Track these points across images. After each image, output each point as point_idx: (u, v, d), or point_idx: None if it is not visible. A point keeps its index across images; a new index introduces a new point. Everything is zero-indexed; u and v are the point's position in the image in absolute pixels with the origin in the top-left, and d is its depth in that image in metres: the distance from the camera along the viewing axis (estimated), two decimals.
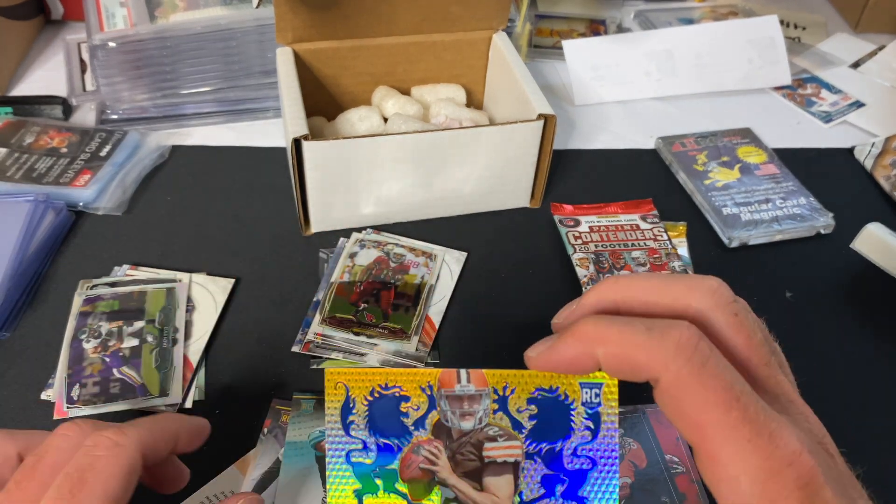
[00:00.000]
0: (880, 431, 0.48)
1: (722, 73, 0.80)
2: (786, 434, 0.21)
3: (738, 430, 0.20)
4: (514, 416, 0.24)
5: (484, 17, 0.66)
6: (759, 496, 0.20)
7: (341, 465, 0.24)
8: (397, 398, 0.24)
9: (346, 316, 0.52)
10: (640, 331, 0.22)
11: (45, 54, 0.81)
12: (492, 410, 0.24)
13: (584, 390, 0.24)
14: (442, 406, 0.24)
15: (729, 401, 0.21)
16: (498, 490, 0.24)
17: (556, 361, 0.23)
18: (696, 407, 0.21)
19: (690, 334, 0.22)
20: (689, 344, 0.21)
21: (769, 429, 0.21)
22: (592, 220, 0.61)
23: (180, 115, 0.71)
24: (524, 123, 0.57)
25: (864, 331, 0.55)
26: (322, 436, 0.45)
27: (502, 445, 0.24)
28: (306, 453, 0.44)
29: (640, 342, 0.22)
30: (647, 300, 0.24)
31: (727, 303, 0.24)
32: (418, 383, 0.24)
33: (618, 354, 0.22)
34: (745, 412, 0.21)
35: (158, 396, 0.47)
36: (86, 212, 0.60)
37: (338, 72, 0.67)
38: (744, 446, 0.20)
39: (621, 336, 0.22)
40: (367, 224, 0.61)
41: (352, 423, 0.24)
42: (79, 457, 0.26)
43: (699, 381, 0.21)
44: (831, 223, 0.62)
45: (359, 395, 0.24)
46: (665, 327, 0.22)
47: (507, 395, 0.24)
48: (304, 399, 0.47)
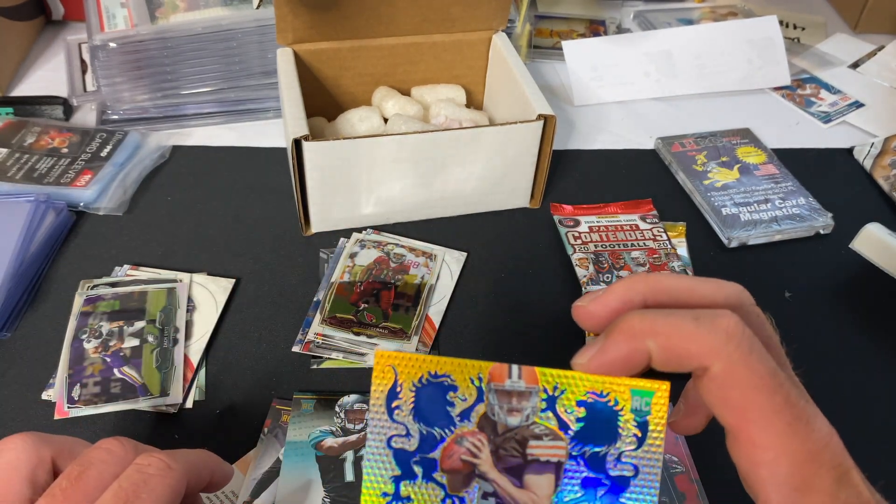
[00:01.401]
0: (880, 431, 0.48)
1: (721, 73, 0.80)
2: (819, 420, 0.22)
3: (780, 415, 0.21)
4: (561, 417, 0.24)
5: (484, 17, 0.66)
6: (797, 477, 0.21)
7: (381, 450, 0.24)
8: (446, 387, 0.24)
9: (346, 316, 0.52)
10: (688, 321, 0.22)
11: (46, 55, 0.81)
12: (539, 409, 0.24)
13: (635, 398, 0.24)
14: (490, 399, 0.24)
15: (773, 386, 0.22)
16: (538, 488, 0.24)
17: (610, 362, 0.23)
18: (742, 392, 0.22)
19: (737, 322, 0.22)
20: (737, 331, 0.22)
21: (807, 414, 0.22)
22: (592, 221, 0.61)
23: (181, 115, 0.71)
24: (524, 124, 0.57)
25: (862, 330, 0.55)
26: (322, 436, 0.45)
27: (547, 444, 0.24)
28: (307, 453, 0.44)
29: (690, 332, 0.22)
30: (677, 298, 0.25)
31: (752, 304, 0.25)
32: (468, 374, 0.24)
33: (669, 346, 0.22)
34: (787, 397, 0.22)
35: (159, 396, 0.47)
36: (86, 212, 0.61)
37: (338, 72, 0.67)
38: (784, 430, 0.21)
39: (671, 327, 0.22)
40: (368, 224, 0.61)
41: (396, 409, 0.24)
42: (131, 473, 0.27)
43: (747, 367, 0.22)
44: (830, 223, 0.62)
45: (407, 380, 0.24)
46: (712, 316, 0.22)
47: (557, 395, 0.24)
48: (304, 399, 0.47)
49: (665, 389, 0.24)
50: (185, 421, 0.46)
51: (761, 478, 0.22)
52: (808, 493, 0.21)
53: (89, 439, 0.45)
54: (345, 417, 0.46)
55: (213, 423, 0.46)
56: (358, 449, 0.45)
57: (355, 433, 0.45)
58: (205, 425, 0.46)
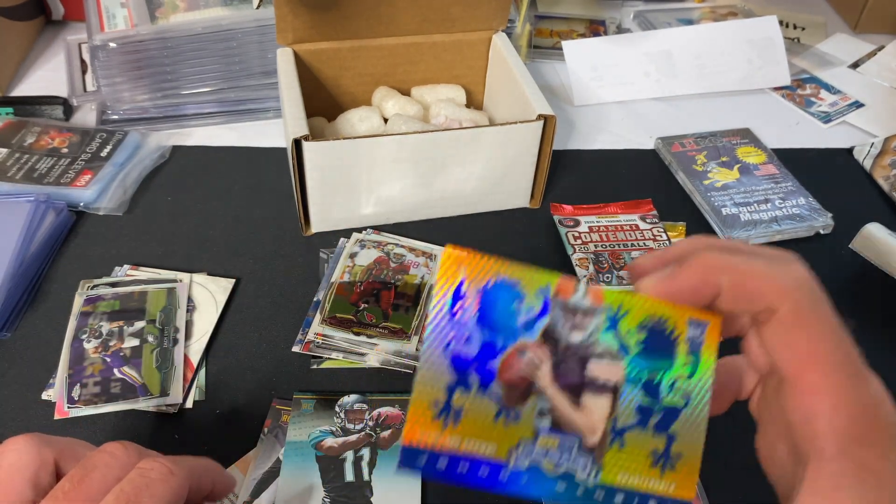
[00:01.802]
0: None
1: (721, 73, 0.80)
2: (874, 381, 0.23)
3: (844, 367, 0.22)
4: (622, 339, 0.24)
5: (484, 17, 0.66)
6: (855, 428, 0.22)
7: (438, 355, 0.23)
8: (513, 294, 0.23)
9: (346, 316, 0.52)
10: (763, 262, 0.23)
11: (46, 55, 0.81)
12: (603, 328, 0.24)
13: (691, 327, 0.24)
14: (555, 313, 0.23)
15: (838, 340, 0.22)
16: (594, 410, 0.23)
17: (678, 289, 0.24)
18: (809, 338, 0.22)
19: (806, 271, 0.23)
20: (808, 279, 0.23)
21: (865, 372, 0.23)
22: (592, 221, 0.61)
23: (181, 115, 0.71)
24: (524, 124, 0.57)
25: (862, 330, 0.55)
26: (322, 436, 0.45)
27: (606, 365, 0.24)
28: (307, 453, 0.44)
29: (763, 272, 0.23)
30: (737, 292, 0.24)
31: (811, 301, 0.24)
32: (537, 284, 0.24)
33: (741, 283, 0.23)
34: (849, 352, 0.22)
35: (159, 396, 0.47)
36: (86, 212, 0.61)
37: (338, 72, 0.67)
38: (845, 381, 0.22)
39: (746, 265, 0.23)
40: (368, 224, 0.61)
41: (459, 311, 0.23)
42: (134, 476, 0.27)
43: (816, 314, 0.22)
44: (830, 223, 0.62)
45: (474, 281, 0.23)
46: (786, 261, 0.23)
47: (620, 316, 0.24)
48: (304, 399, 0.47)
49: (719, 321, 0.24)
50: (185, 421, 0.46)
51: (817, 429, 0.22)
52: (864, 446, 0.22)
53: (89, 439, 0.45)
54: (345, 417, 0.46)
55: (213, 423, 0.46)
56: (358, 449, 0.45)
57: (355, 433, 0.46)
58: (205, 425, 0.46)
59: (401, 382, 0.49)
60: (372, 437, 0.46)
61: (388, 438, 0.45)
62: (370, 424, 0.46)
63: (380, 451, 0.45)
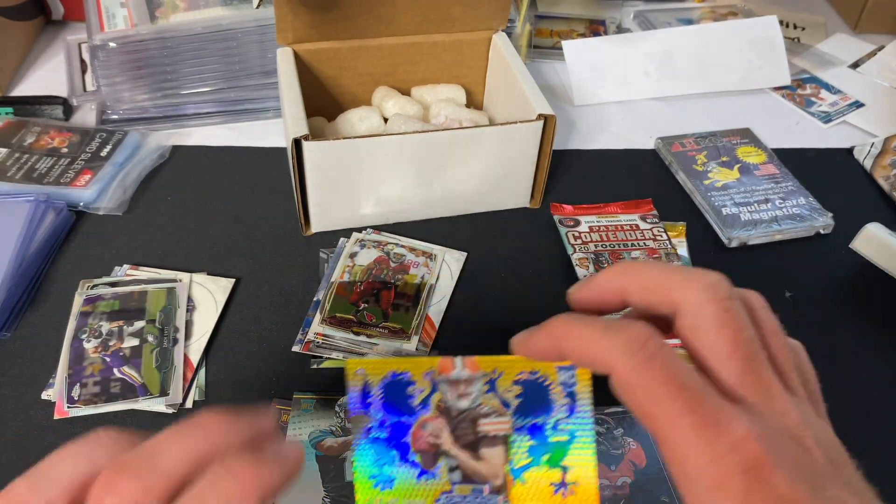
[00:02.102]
0: (880, 430, 0.48)
1: (721, 73, 0.80)
2: (734, 423, 0.22)
3: (683, 418, 0.22)
4: (502, 396, 0.28)
5: (484, 17, 0.66)
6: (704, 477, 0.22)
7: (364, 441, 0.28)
8: (405, 382, 0.28)
9: (346, 316, 0.52)
10: (598, 329, 0.25)
11: (46, 55, 0.81)
12: (484, 391, 0.28)
13: (561, 372, 0.28)
14: (442, 389, 0.28)
15: (674, 391, 0.23)
16: (493, 459, 0.28)
17: (532, 351, 0.27)
18: (645, 397, 0.23)
19: (641, 333, 0.24)
20: (636, 341, 0.24)
21: (714, 418, 0.22)
22: (592, 220, 0.61)
23: (181, 115, 0.71)
24: (524, 123, 0.57)
25: (863, 330, 0.55)
26: (322, 435, 0.45)
27: (494, 421, 0.28)
28: (307, 452, 0.44)
29: (596, 339, 0.25)
30: (647, 286, 0.27)
31: (721, 298, 0.25)
32: (422, 370, 0.28)
33: (578, 349, 0.25)
34: (689, 401, 0.22)
35: (159, 396, 0.47)
36: (86, 212, 0.61)
37: (338, 72, 0.67)
38: (687, 432, 0.22)
39: (582, 334, 0.25)
40: (368, 224, 0.61)
41: (370, 405, 0.28)
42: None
43: (645, 373, 0.23)
44: (830, 223, 0.62)
45: (374, 381, 0.28)
46: (620, 327, 0.24)
47: (496, 377, 0.28)
48: (304, 398, 0.47)
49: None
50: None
51: (675, 475, 0.23)
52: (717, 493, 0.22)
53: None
54: (344, 417, 0.46)
55: None
56: None
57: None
58: None
59: None
60: None
61: None
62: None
63: None
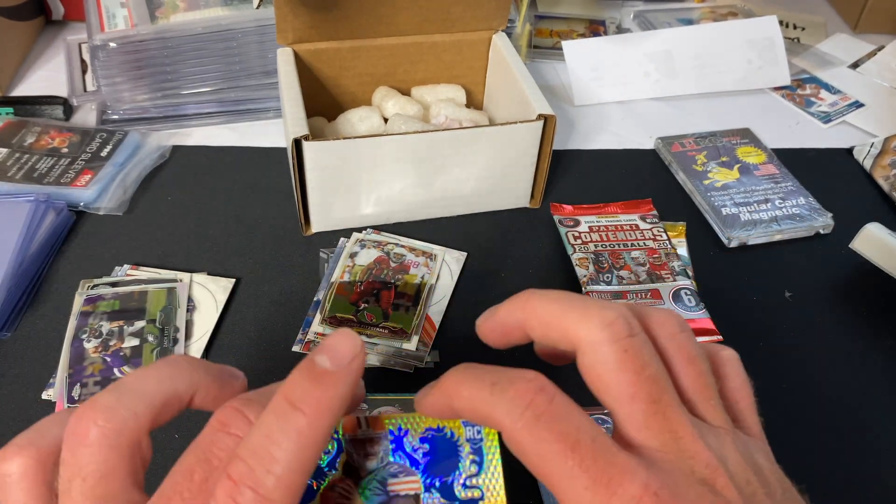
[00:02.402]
0: (879, 430, 0.48)
1: (721, 73, 0.80)
2: (628, 479, 0.21)
3: (575, 479, 0.21)
4: (410, 454, 0.27)
5: (484, 17, 0.66)
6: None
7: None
8: None
9: (346, 316, 0.52)
10: (485, 387, 0.23)
11: (46, 55, 0.81)
12: (390, 450, 0.27)
13: (467, 428, 0.27)
14: (348, 449, 0.27)
15: (564, 451, 0.21)
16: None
17: (429, 410, 0.26)
18: (535, 457, 0.22)
19: (528, 389, 0.23)
20: (523, 400, 0.22)
21: (608, 475, 0.21)
22: (592, 220, 0.61)
23: (181, 115, 0.71)
24: (524, 124, 0.57)
25: (862, 330, 0.55)
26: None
27: (403, 480, 0.27)
28: None
29: (484, 398, 0.23)
30: (546, 322, 0.25)
31: (619, 338, 0.24)
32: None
33: (468, 409, 0.24)
34: (581, 461, 0.21)
35: None
36: (87, 212, 0.61)
37: (338, 72, 0.67)
38: (581, 494, 0.21)
39: (469, 393, 0.24)
40: (368, 224, 0.61)
41: None
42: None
43: (533, 433, 0.22)
44: (830, 223, 0.62)
45: None
46: (507, 383, 0.23)
47: (402, 435, 0.27)
48: None
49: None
50: (185, 421, 0.46)
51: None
52: None
53: None
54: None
55: None
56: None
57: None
58: (205, 425, 0.46)
59: (401, 382, 0.49)
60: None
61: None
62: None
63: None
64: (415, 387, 0.49)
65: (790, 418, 0.49)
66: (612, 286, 0.55)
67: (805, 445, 0.47)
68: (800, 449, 0.47)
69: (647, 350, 0.24)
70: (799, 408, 0.49)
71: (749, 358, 0.54)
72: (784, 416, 0.49)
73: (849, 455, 0.47)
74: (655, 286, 0.55)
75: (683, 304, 0.54)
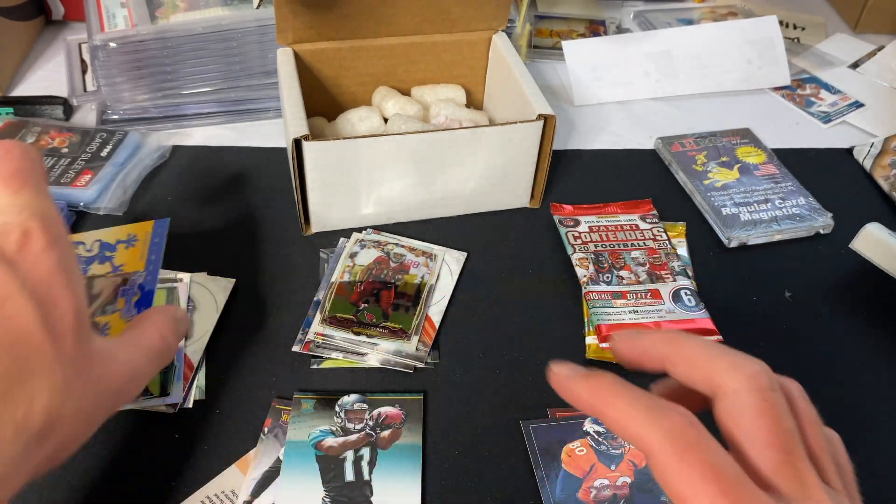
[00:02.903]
0: (879, 430, 0.48)
1: (721, 73, 0.80)
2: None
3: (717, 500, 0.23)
4: None
5: (484, 17, 0.66)
6: None
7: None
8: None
9: (346, 316, 0.52)
10: (641, 409, 0.25)
11: (46, 55, 0.81)
12: None
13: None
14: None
15: (707, 476, 0.23)
16: None
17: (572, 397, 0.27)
18: (678, 482, 0.24)
19: (682, 422, 0.24)
20: (677, 430, 0.24)
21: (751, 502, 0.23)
22: (592, 220, 0.61)
23: (181, 115, 0.71)
24: (524, 124, 0.57)
25: (862, 330, 0.55)
26: (322, 435, 0.45)
27: None
28: (307, 453, 0.44)
29: (638, 419, 0.25)
30: (692, 364, 0.27)
31: (761, 388, 0.26)
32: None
33: (616, 420, 0.26)
34: (723, 487, 0.23)
35: (159, 396, 0.47)
36: (87, 212, 0.61)
37: (338, 72, 0.67)
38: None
39: (626, 408, 0.25)
40: (368, 224, 0.61)
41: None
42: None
43: (682, 460, 0.24)
44: (830, 223, 0.62)
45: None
46: (663, 413, 0.25)
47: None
48: (304, 398, 0.47)
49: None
50: (185, 421, 0.46)
51: None
52: None
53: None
54: (345, 417, 0.46)
55: (213, 423, 0.46)
56: (358, 449, 0.45)
57: (355, 433, 0.46)
58: (205, 425, 0.46)
59: (401, 382, 0.49)
60: (372, 436, 0.46)
61: (388, 438, 0.46)
62: (370, 424, 0.46)
63: (380, 451, 0.45)
64: (415, 387, 0.49)
65: None
66: (612, 286, 0.55)
67: None
68: None
69: (784, 405, 0.26)
70: None
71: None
72: None
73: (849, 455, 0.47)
74: (655, 286, 0.55)
75: (683, 304, 0.54)
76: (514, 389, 0.49)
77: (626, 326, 0.52)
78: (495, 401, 0.49)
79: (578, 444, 0.46)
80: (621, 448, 0.46)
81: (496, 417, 0.48)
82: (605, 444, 0.46)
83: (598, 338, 0.51)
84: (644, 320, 0.52)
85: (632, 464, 0.45)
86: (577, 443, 0.46)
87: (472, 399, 0.49)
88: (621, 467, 0.45)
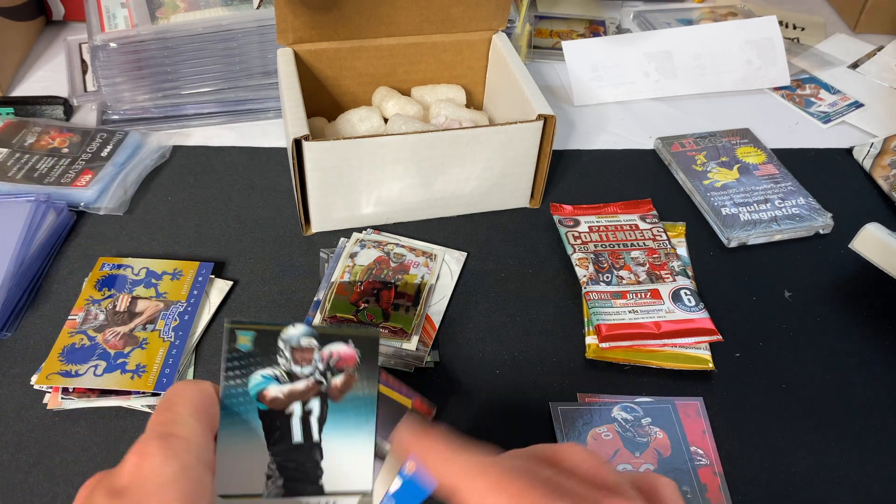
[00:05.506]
0: (878, 430, 0.48)
1: (721, 73, 0.80)
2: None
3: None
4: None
5: (484, 18, 0.67)
6: None
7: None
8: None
9: (346, 315, 0.52)
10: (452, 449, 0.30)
11: (47, 55, 0.81)
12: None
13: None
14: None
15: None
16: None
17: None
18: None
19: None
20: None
21: None
22: (592, 220, 0.61)
23: (181, 115, 0.71)
24: (524, 124, 0.57)
25: (862, 330, 0.55)
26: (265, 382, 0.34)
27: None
28: (248, 406, 0.34)
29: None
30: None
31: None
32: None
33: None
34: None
35: (151, 395, 0.47)
36: (87, 212, 0.61)
37: (338, 72, 0.67)
38: None
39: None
40: (368, 224, 0.61)
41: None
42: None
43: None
44: (830, 223, 0.62)
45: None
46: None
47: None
48: (240, 330, 0.34)
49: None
50: None
51: None
52: None
53: (84, 435, 0.46)
54: (290, 357, 0.35)
55: None
56: (306, 400, 0.34)
57: (303, 379, 0.35)
58: None
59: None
60: (322, 384, 0.35)
61: (341, 387, 0.35)
62: (320, 368, 0.35)
63: (331, 403, 0.35)
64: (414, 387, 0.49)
65: (790, 418, 0.49)
66: (612, 286, 0.55)
67: (805, 445, 0.47)
68: (799, 448, 0.47)
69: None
70: (798, 407, 0.49)
71: (749, 358, 0.54)
72: (784, 416, 0.49)
73: (849, 454, 0.47)
74: (655, 286, 0.55)
75: (683, 304, 0.54)
76: (514, 389, 0.49)
77: (626, 326, 0.52)
78: (495, 401, 0.49)
79: (605, 428, 0.47)
80: (647, 437, 0.46)
81: (496, 417, 0.48)
82: (631, 430, 0.46)
83: (598, 338, 0.51)
84: (644, 320, 0.52)
85: (656, 452, 0.45)
86: (604, 427, 0.47)
87: (472, 399, 0.49)
88: (646, 455, 0.45)
